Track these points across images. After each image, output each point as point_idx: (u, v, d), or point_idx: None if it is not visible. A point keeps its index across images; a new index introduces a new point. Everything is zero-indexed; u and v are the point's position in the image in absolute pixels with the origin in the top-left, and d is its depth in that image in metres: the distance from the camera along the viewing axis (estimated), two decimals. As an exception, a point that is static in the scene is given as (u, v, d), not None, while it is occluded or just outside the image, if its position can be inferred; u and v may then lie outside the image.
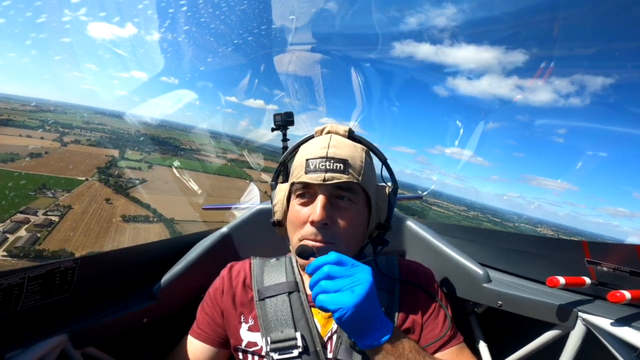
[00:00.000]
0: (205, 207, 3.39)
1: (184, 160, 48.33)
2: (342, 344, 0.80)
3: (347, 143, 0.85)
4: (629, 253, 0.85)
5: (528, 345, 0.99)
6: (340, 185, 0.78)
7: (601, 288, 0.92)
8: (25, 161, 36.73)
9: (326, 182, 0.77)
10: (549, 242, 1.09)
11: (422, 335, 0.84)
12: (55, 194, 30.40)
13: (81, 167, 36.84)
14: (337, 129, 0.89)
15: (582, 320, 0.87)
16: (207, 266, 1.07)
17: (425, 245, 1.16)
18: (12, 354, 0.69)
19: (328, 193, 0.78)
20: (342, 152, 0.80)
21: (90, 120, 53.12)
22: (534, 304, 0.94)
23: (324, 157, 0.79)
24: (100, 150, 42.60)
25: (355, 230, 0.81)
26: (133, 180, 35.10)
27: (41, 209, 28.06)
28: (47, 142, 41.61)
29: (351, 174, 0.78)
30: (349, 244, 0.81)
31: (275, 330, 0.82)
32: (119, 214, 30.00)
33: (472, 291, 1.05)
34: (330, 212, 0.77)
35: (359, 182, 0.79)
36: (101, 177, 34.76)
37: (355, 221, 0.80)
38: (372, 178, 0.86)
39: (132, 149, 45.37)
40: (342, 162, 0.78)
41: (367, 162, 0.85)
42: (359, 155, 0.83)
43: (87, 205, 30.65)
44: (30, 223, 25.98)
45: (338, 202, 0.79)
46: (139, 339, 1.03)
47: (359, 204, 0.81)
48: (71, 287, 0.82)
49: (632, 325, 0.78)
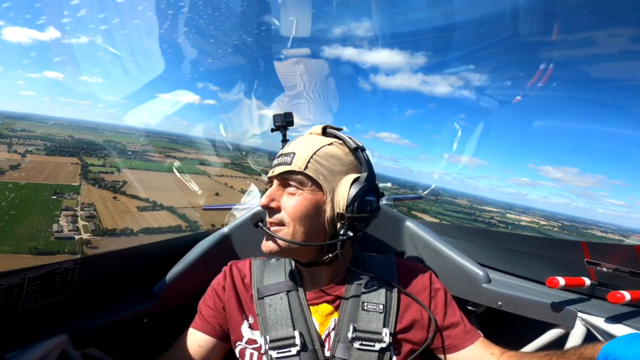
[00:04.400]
0: (206, 207, 3.40)
1: (141, 163, 49.81)
2: (339, 341, 0.81)
3: (310, 139, 0.89)
4: (628, 254, 0.85)
5: (528, 346, 0.99)
6: (284, 174, 0.84)
7: (601, 288, 0.92)
8: (12, 174, 38.73)
9: (274, 174, 0.86)
10: (548, 242, 1.09)
11: (444, 335, 0.87)
12: (71, 196, 33.48)
13: (62, 175, 38.88)
14: (315, 129, 0.93)
15: (581, 320, 0.87)
16: (207, 266, 1.07)
17: (425, 245, 1.16)
18: (12, 354, 0.69)
19: (279, 182, 0.86)
20: (293, 147, 0.87)
21: (9, 126, 52.92)
22: (534, 305, 0.94)
23: (280, 154, 0.89)
24: (60, 159, 43.57)
25: (303, 214, 0.82)
26: (117, 182, 37.70)
27: (73, 207, 31.36)
28: (6, 155, 42.51)
29: (294, 163, 0.83)
30: (298, 227, 0.82)
31: (273, 328, 0.83)
32: (133, 207, 33.78)
33: (471, 291, 1.05)
34: (275, 197, 0.85)
35: (301, 170, 0.82)
36: (89, 182, 37.37)
37: (300, 205, 0.82)
38: (335, 168, 0.84)
39: (89, 155, 45.96)
40: (289, 155, 0.85)
41: (327, 153, 0.85)
42: (313, 147, 0.85)
43: (103, 202, 33.71)
44: (81, 216, 29.72)
45: (288, 190, 0.85)
46: (139, 340, 1.03)
47: (306, 190, 0.83)
48: (71, 288, 0.83)
49: (632, 326, 0.78)
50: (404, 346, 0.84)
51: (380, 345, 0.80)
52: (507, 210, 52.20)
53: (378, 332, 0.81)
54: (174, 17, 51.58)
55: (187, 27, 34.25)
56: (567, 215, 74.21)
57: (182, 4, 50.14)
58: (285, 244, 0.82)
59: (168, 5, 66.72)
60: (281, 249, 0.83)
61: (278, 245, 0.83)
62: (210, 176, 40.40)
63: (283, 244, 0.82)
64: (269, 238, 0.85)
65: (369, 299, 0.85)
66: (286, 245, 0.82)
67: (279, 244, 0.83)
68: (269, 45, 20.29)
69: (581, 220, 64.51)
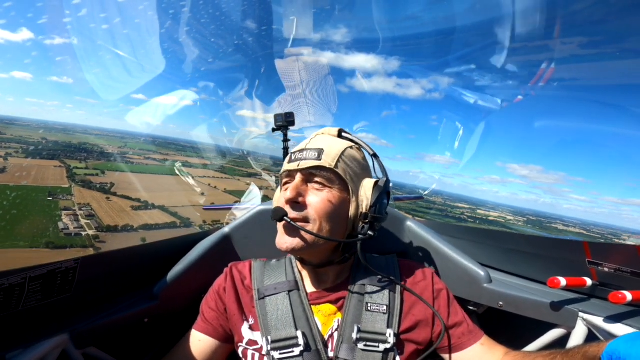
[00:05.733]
0: (206, 207, 3.40)
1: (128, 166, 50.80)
2: (343, 342, 0.81)
3: (330, 139, 0.90)
4: (630, 254, 0.85)
5: (529, 346, 0.98)
6: (313, 169, 0.83)
7: (602, 289, 0.92)
8: (3, 176, 39.80)
9: (300, 167, 0.84)
10: (549, 242, 1.09)
11: (450, 334, 0.86)
12: (65, 197, 34.95)
13: (49, 178, 40.14)
14: (330, 130, 0.94)
15: (583, 320, 0.87)
16: (208, 266, 1.07)
17: (426, 245, 1.16)
18: (13, 354, 0.69)
19: (303, 176, 0.85)
20: (319, 144, 0.87)
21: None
22: (535, 305, 0.94)
23: (303, 149, 0.88)
24: (42, 162, 44.57)
25: (331, 212, 0.82)
26: (105, 184, 39.09)
27: (71, 207, 33.08)
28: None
29: (324, 160, 0.83)
30: (324, 224, 0.81)
31: (275, 329, 0.83)
32: (127, 206, 35.28)
33: (473, 291, 1.05)
34: (302, 191, 0.83)
35: (331, 167, 0.82)
36: (77, 184, 38.63)
37: (329, 203, 0.82)
38: (357, 170, 0.88)
39: (69, 157, 46.71)
40: (316, 150, 0.85)
41: (351, 155, 0.88)
42: (340, 147, 0.87)
43: (97, 203, 35.03)
44: (80, 215, 31.24)
45: (313, 185, 0.84)
46: (140, 339, 1.03)
47: (334, 188, 0.83)
48: (72, 287, 0.83)
49: (633, 326, 0.78)
50: (408, 346, 0.84)
51: (384, 346, 0.79)
52: (478, 206, 53.76)
53: (382, 332, 0.81)
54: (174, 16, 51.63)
55: (189, 26, 34.29)
56: (534, 210, 75.69)
57: (183, 3, 50.09)
58: (312, 239, 0.80)
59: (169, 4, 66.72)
60: (307, 245, 0.81)
61: (303, 241, 0.81)
62: (194, 177, 41.32)
63: (310, 240, 0.81)
64: (293, 234, 0.82)
65: (372, 300, 0.85)
66: (313, 241, 0.81)
67: (306, 240, 0.81)
68: (270, 44, 20.36)
69: (548, 215, 65.85)
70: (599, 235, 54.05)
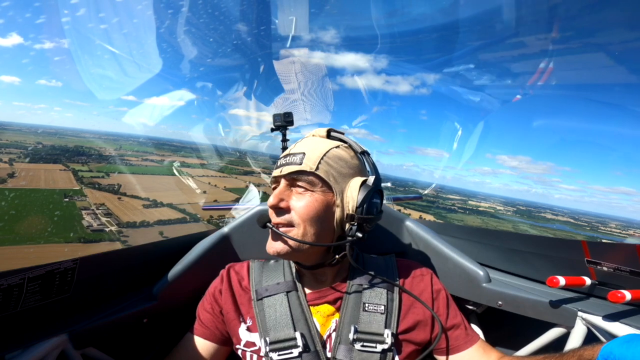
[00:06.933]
0: (205, 207, 3.40)
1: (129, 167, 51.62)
2: (341, 342, 0.81)
3: (316, 141, 0.89)
4: (629, 253, 0.85)
5: (528, 345, 0.99)
6: (294, 174, 0.83)
7: (601, 288, 0.92)
8: (18, 181, 41.09)
9: (282, 173, 0.85)
10: (549, 242, 1.09)
11: (448, 335, 0.87)
12: (80, 199, 36.76)
13: (59, 181, 41.35)
14: (319, 132, 0.93)
15: (582, 320, 0.87)
16: (207, 266, 1.06)
17: (425, 245, 1.16)
18: (12, 354, 0.69)
19: (287, 182, 0.85)
20: (303, 147, 0.87)
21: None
22: (534, 304, 0.94)
23: (287, 154, 0.88)
24: (47, 166, 45.57)
25: (314, 215, 0.81)
26: (113, 185, 40.39)
27: (89, 207, 34.73)
28: (0, 164, 44.31)
29: (305, 163, 0.83)
30: (309, 227, 0.81)
31: (273, 330, 0.82)
32: (139, 205, 36.94)
33: (472, 291, 1.05)
34: (285, 197, 0.84)
35: (312, 171, 0.82)
36: (87, 186, 40.11)
37: (311, 206, 0.81)
38: (344, 170, 0.85)
39: (70, 161, 47.70)
40: (298, 155, 0.85)
41: (336, 155, 0.86)
42: (323, 149, 0.85)
43: (111, 202, 36.67)
44: (99, 213, 32.77)
45: (297, 190, 0.84)
46: (139, 340, 1.03)
47: (317, 191, 0.83)
48: (71, 288, 0.82)
49: (632, 325, 0.78)
50: (407, 347, 0.84)
51: (382, 347, 0.79)
52: (470, 198, 54.36)
53: (379, 333, 0.81)
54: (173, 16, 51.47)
55: (187, 26, 34.30)
56: (525, 201, 76.36)
57: (181, 2, 50.01)
58: (296, 244, 0.81)
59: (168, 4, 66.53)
60: (292, 249, 0.81)
61: (288, 246, 0.81)
62: (193, 177, 42.08)
63: (294, 244, 0.81)
64: (278, 239, 0.83)
65: (369, 300, 0.85)
66: (297, 246, 0.81)
67: (290, 245, 0.81)
68: (268, 44, 20.31)
69: (538, 205, 66.53)
70: (586, 224, 54.60)
